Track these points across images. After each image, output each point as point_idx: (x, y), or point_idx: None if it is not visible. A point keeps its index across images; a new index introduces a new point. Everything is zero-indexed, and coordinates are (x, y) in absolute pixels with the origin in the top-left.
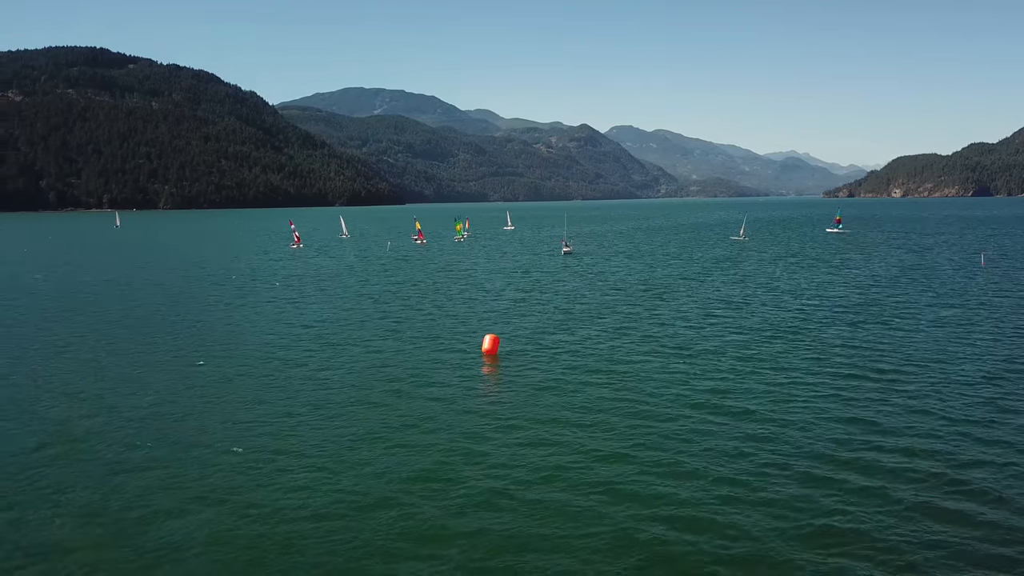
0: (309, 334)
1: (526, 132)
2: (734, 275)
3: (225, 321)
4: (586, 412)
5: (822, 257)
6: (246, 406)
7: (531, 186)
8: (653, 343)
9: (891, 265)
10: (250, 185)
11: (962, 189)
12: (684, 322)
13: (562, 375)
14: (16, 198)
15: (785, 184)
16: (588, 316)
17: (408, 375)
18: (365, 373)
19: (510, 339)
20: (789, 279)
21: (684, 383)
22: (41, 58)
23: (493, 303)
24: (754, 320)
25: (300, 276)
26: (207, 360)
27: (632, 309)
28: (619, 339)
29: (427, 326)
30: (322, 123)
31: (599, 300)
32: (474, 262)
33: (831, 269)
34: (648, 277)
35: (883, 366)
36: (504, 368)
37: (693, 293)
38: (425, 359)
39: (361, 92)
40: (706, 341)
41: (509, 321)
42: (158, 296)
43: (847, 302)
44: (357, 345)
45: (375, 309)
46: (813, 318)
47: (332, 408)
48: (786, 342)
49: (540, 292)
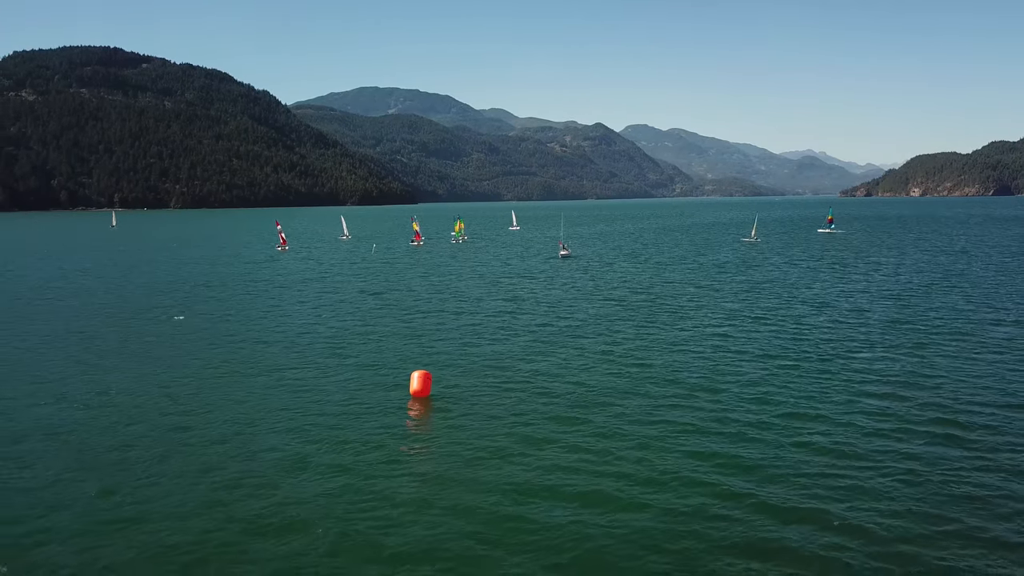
0: (210, 359)
1: (540, 131)
2: (744, 283)
3: (122, 338)
4: (533, 496)
5: (844, 260)
6: (95, 452)
7: (545, 185)
8: (644, 378)
9: (925, 271)
10: (261, 184)
11: (982, 188)
12: (686, 346)
13: (510, 429)
14: (27, 197)
15: (801, 183)
16: (570, 336)
17: (307, 423)
18: (255, 417)
19: (463, 371)
20: (808, 287)
21: (683, 441)
22: (55, 58)
23: (464, 319)
24: (766, 343)
25: (257, 283)
26: (70, 390)
27: (624, 327)
28: (600, 368)
29: (367, 353)
30: (336, 122)
31: (588, 314)
32: (461, 266)
33: (856, 274)
34: (649, 285)
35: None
36: (433, 418)
37: (699, 306)
38: (338, 401)
39: (376, 92)
40: (711, 373)
41: (471, 345)
42: (65, 307)
43: (881, 318)
44: (264, 375)
45: (314, 328)
46: (847, 338)
47: (193, 464)
48: (811, 378)
49: (522, 303)
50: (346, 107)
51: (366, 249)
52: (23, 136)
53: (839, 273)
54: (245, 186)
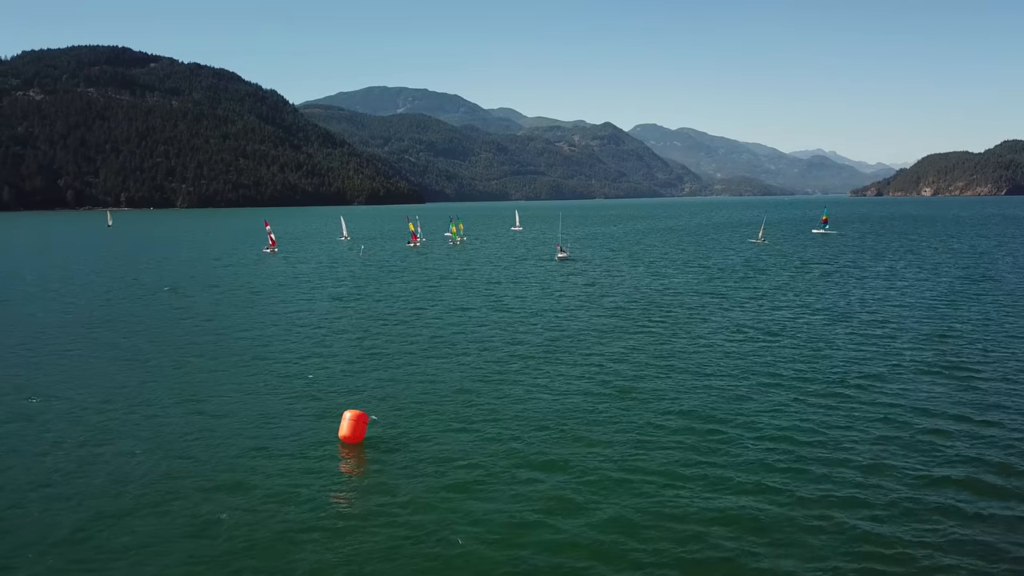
0: (126, 379)
1: (549, 131)
2: (751, 291)
3: (27, 352)
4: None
5: (859, 263)
6: None
7: (553, 185)
8: (632, 407)
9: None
10: (268, 184)
11: (995, 187)
12: (684, 367)
13: (460, 483)
14: (34, 196)
15: (811, 183)
16: (551, 353)
17: (208, 468)
18: (147, 467)
19: (416, 400)
20: (821, 295)
21: (681, 501)
22: (63, 57)
23: (436, 332)
24: (779, 364)
25: (229, 289)
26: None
27: (615, 344)
28: (581, 396)
29: (308, 380)
30: (345, 122)
31: (576, 328)
32: (450, 270)
33: (874, 279)
34: (649, 293)
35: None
36: (362, 473)
37: (702, 318)
38: (253, 440)
39: (384, 91)
40: (715, 403)
41: (433, 368)
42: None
43: (907, 332)
44: (184, 402)
45: (265, 345)
46: (870, 358)
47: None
48: (833, 407)
49: (505, 313)
50: (355, 107)
51: (359, 251)
52: (30, 135)
53: (854, 278)
54: (251, 185)
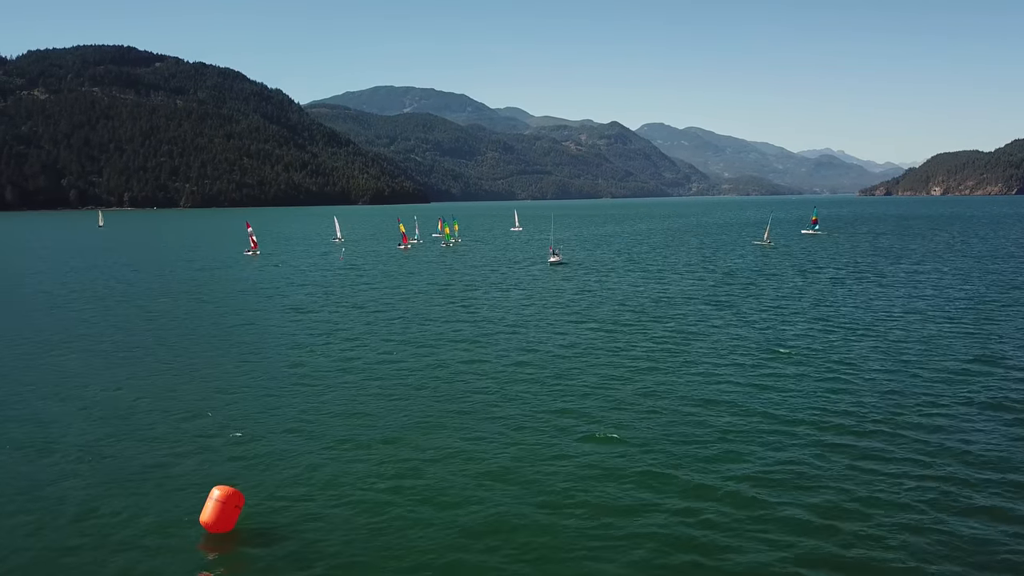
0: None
1: (555, 130)
2: (758, 301)
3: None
4: None
5: (877, 268)
6: None
7: (559, 184)
8: (607, 466)
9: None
10: (271, 183)
11: (1005, 187)
12: (671, 402)
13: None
14: (37, 196)
15: (819, 182)
16: (516, 384)
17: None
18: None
19: (323, 457)
20: (837, 306)
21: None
22: (69, 57)
23: (383, 355)
24: (794, 399)
25: (183, 296)
26: None
27: (596, 369)
28: (549, 443)
29: (203, 425)
30: (351, 121)
31: (555, 346)
32: (432, 276)
33: (897, 286)
34: (644, 302)
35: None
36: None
37: (701, 333)
38: (118, 512)
39: (391, 91)
40: (717, 455)
41: (370, 404)
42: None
43: (944, 354)
44: (42, 452)
45: (176, 374)
46: (898, 389)
47: None
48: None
49: (477, 328)
50: (361, 106)
51: (350, 253)
52: (34, 135)
53: (872, 285)
54: (255, 185)
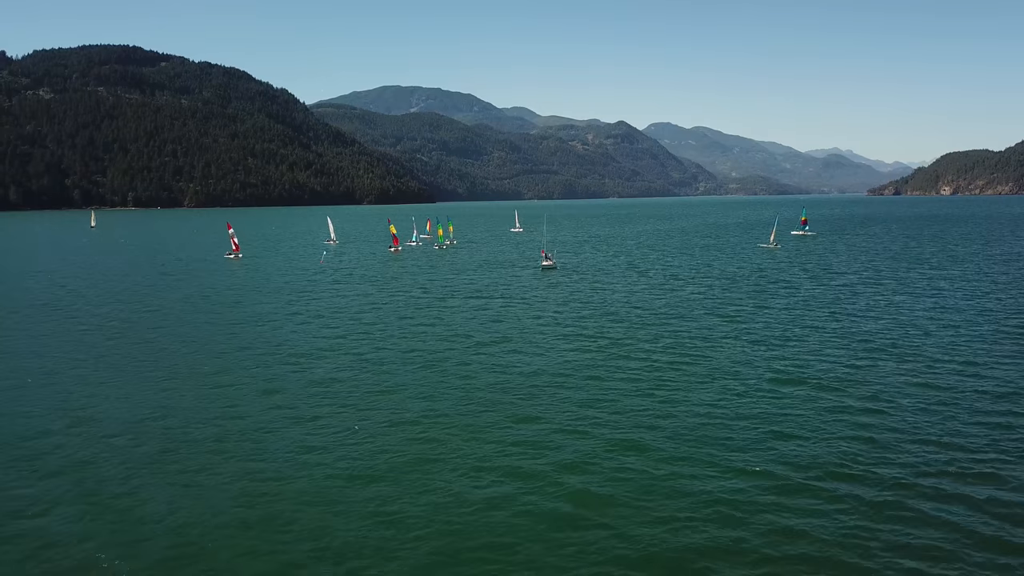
0: None
1: (562, 129)
2: (764, 310)
3: None
4: None
5: (896, 272)
6: None
7: (566, 184)
8: (585, 522)
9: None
10: (276, 183)
11: (1016, 186)
12: (663, 438)
13: None
14: (41, 196)
15: (827, 182)
16: (480, 414)
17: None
18: None
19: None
20: (853, 317)
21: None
22: (74, 56)
23: (330, 372)
24: (811, 439)
25: (142, 303)
26: None
27: (578, 392)
28: (518, 488)
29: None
30: (357, 121)
31: (531, 368)
32: (415, 281)
33: (917, 292)
34: (638, 313)
35: None
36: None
37: (701, 353)
38: None
39: (398, 90)
40: (725, 510)
41: (302, 434)
42: None
43: (984, 370)
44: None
45: (94, 405)
46: (902, 414)
47: None
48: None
49: (447, 342)
50: (368, 106)
51: (335, 256)
52: (38, 135)
53: (888, 290)
54: (259, 184)
